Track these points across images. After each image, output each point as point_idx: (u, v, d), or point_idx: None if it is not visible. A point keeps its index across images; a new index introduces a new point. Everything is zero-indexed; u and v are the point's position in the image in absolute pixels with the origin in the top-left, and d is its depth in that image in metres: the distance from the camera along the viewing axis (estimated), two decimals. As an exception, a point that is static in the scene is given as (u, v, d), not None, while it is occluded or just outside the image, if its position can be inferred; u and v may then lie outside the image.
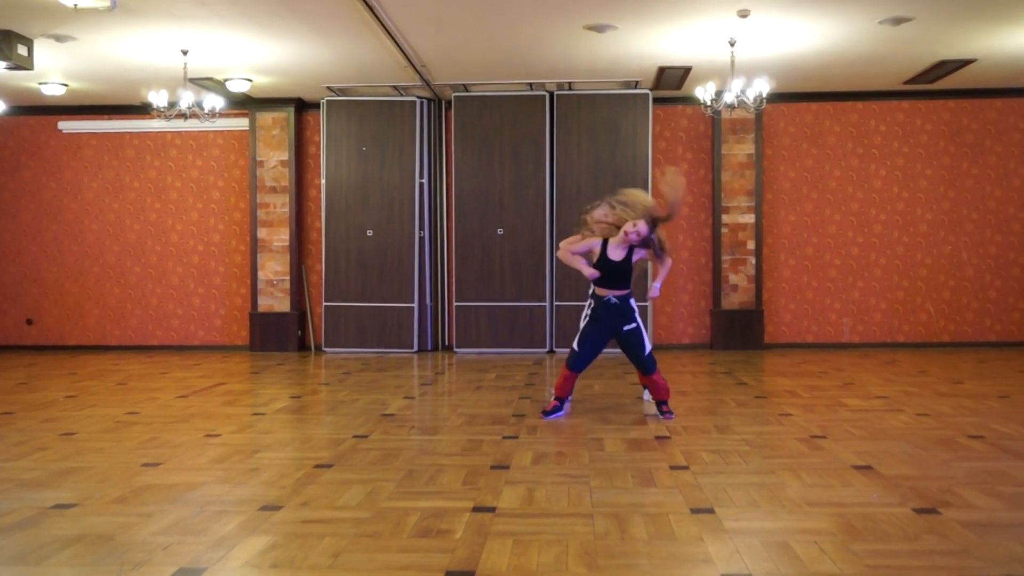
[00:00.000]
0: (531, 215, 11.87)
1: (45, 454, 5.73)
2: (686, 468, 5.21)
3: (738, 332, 11.92)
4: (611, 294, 6.80)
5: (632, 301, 6.85)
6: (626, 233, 6.63)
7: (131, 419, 7.05)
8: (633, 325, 6.82)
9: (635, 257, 6.76)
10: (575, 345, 6.91)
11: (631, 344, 6.83)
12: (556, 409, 6.96)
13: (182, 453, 5.76)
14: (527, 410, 7.31)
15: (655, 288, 6.87)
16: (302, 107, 12.52)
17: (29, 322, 12.84)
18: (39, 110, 12.61)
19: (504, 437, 6.19)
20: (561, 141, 11.81)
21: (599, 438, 6.10)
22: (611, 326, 6.81)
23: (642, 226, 6.61)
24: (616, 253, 6.72)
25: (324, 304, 12.14)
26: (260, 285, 12.32)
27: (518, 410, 7.32)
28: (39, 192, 12.84)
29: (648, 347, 6.87)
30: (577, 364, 6.88)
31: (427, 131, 12.23)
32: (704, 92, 9.72)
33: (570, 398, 7.15)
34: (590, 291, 7.03)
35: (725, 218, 11.96)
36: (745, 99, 9.47)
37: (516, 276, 11.83)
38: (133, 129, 12.72)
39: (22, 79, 10.95)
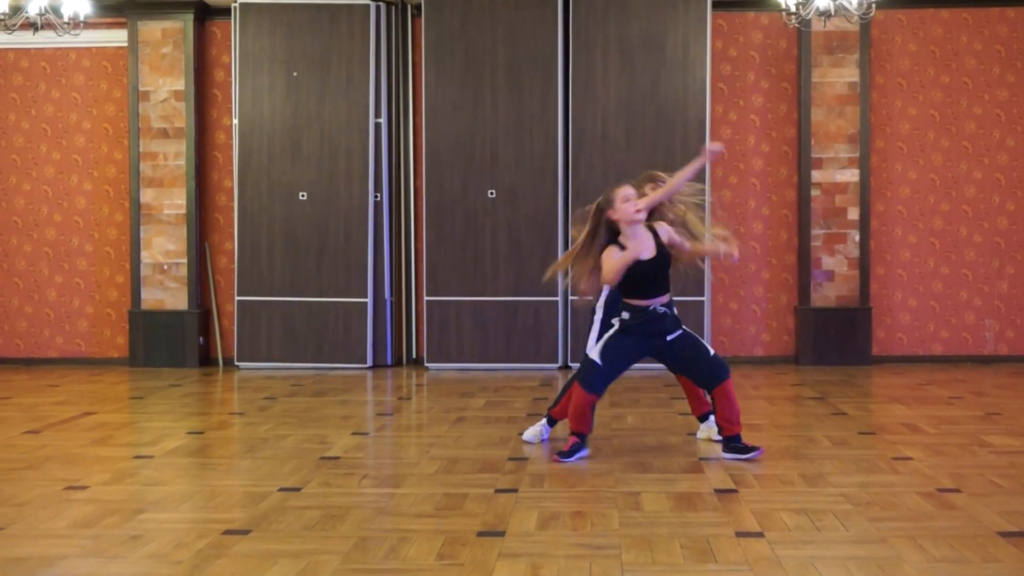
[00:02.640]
0: (536, 171, 11.88)
1: None
2: (760, 535, 5.21)
3: (835, 340, 11.94)
4: (655, 302, 6.92)
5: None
6: (636, 211, 6.86)
7: (-42, 464, 7.04)
8: (680, 332, 7.00)
9: (664, 238, 6.91)
10: (596, 357, 6.95)
11: (683, 351, 6.99)
12: (578, 448, 7.00)
13: (32, 513, 5.74)
14: (531, 451, 7.31)
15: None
16: (205, 13, 12.51)
17: None
18: None
19: (497, 490, 6.17)
20: (580, 64, 11.82)
21: (634, 492, 6.10)
22: (651, 339, 6.94)
23: (628, 191, 6.96)
24: (643, 247, 6.82)
25: (237, 299, 12.15)
26: (144, 271, 12.33)
27: (518, 451, 7.32)
28: None
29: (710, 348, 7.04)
30: (599, 383, 6.94)
31: (387, 48, 12.22)
32: (786, -7, 9.71)
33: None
34: (601, 301, 7.22)
35: (816, 175, 11.97)
36: (846, 3, 9.46)
37: (514, 259, 11.85)
38: (-40, 45, 12.72)
39: None
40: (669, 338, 6.96)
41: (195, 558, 4.91)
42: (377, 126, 12.13)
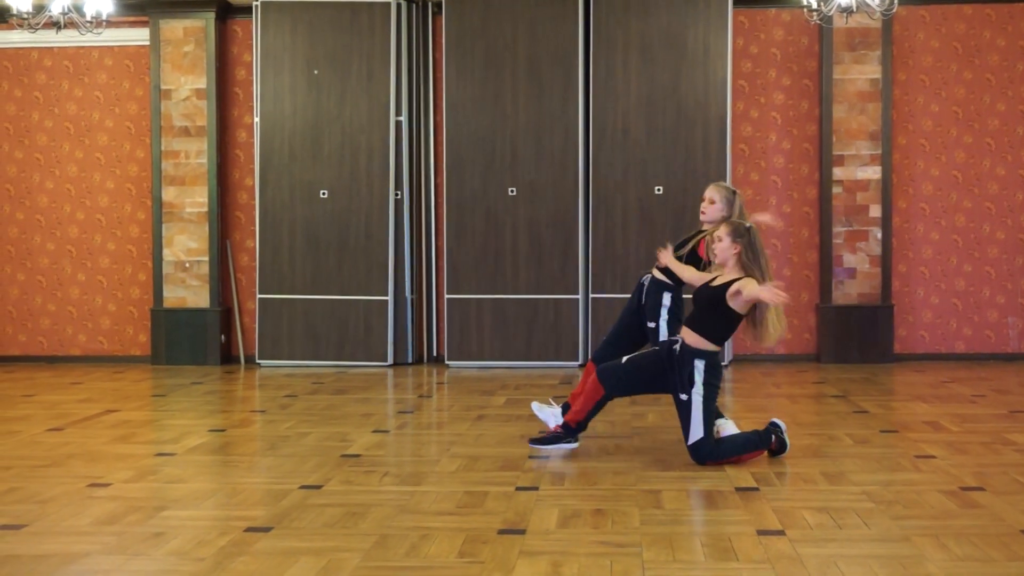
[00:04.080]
0: (557, 168, 11.88)
1: None
2: (781, 533, 5.21)
3: (856, 338, 11.91)
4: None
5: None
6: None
7: (-18, 461, 7.09)
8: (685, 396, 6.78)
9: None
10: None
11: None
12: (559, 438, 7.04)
13: (55, 510, 5.78)
14: (552, 449, 7.32)
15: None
16: (226, 12, 12.54)
17: None
18: None
19: (518, 488, 6.19)
20: (601, 62, 11.81)
21: (655, 490, 6.10)
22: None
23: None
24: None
25: (259, 297, 12.18)
26: (166, 269, 12.37)
27: (538, 449, 7.32)
28: None
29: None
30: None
31: (408, 47, 12.23)
32: (808, -11, 9.68)
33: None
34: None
35: (838, 172, 11.94)
36: (867, -1, 9.42)
37: (535, 256, 11.84)
38: (-17, 45, 12.77)
39: None
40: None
41: (217, 555, 4.93)
42: (398, 124, 12.13)
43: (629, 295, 11.50)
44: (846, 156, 11.91)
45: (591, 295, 11.81)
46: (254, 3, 12.18)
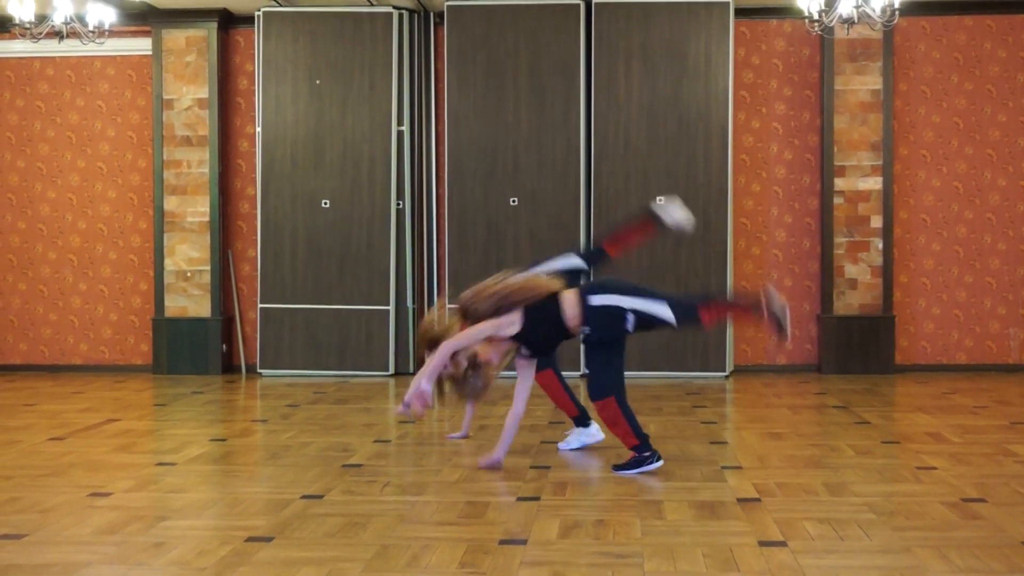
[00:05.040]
0: (558, 178, 11.88)
1: None
2: (782, 544, 5.20)
3: (858, 348, 11.90)
4: None
5: None
6: None
7: (-17, 471, 7.09)
8: None
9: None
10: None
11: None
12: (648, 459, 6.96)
13: (56, 520, 5.77)
14: (552, 460, 7.32)
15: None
16: (228, 22, 12.56)
17: None
18: None
19: (519, 498, 6.19)
20: (602, 72, 11.82)
21: (656, 500, 6.10)
22: None
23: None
24: None
25: (260, 307, 12.18)
26: (168, 279, 12.37)
27: (540, 460, 7.32)
28: None
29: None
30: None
31: (409, 57, 12.25)
32: (810, 1, 9.67)
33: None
34: None
35: (839, 183, 11.94)
36: (869, 10, 9.43)
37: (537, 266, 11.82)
38: (-14, 54, 12.79)
39: None
40: None
41: (218, 565, 4.92)
42: (400, 134, 12.14)
43: (630, 305, 11.62)
44: (847, 167, 11.92)
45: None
46: (256, 13, 12.20)
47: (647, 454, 6.94)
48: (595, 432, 7.78)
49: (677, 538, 5.32)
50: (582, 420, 7.81)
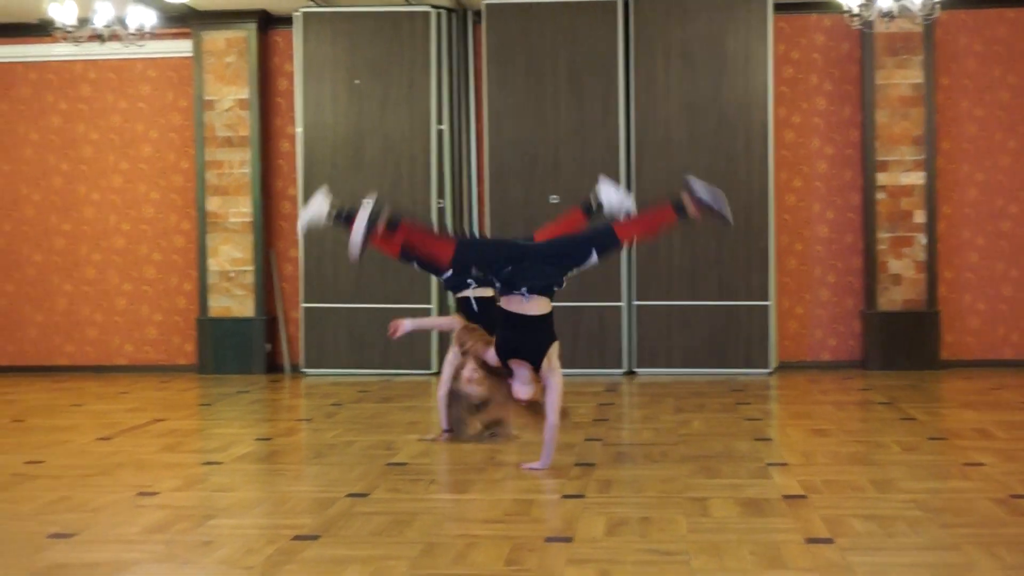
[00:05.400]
0: (598, 176, 11.82)
1: (-87, 520, 5.85)
2: (829, 542, 5.18)
3: (902, 344, 11.82)
4: None
5: None
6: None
7: (32, 471, 7.14)
8: None
9: None
10: None
11: None
12: None
13: (105, 519, 5.82)
14: (598, 457, 7.32)
15: None
16: (268, 23, 12.61)
17: None
18: None
19: (564, 496, 6.19)
20: (642, 69, 11.80)
21: (702, 497, 6.08)
22: None
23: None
24: None
25: (303, 306, 12.23)
26: (211, 279, 12.44)
27: (584, 457, 7.33)
28: (-101, 149, 13.07)
29: None
30: None
31: (448, 56, 12.26)
32: (851, -6, 9.64)
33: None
34: None
35: (881, 178, 11.86)
36: (909, 4, 9.37)
37: (578, 264, 11.81)
38: (28, 58, 12.88)
39: None
40: None
41: (265, 564, 4.95)
42: (439, 133, 12.16)
43: (673, 303, 11.62)
44: (890, 161, 11.84)
45: (634, 302, 11.79)
46: (295, 14, 12.25)
47: None
48: None
49: (723, 535, 5.30)
50: None
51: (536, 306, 6.89)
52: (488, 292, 7.57)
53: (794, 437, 8.02)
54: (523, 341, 6.94)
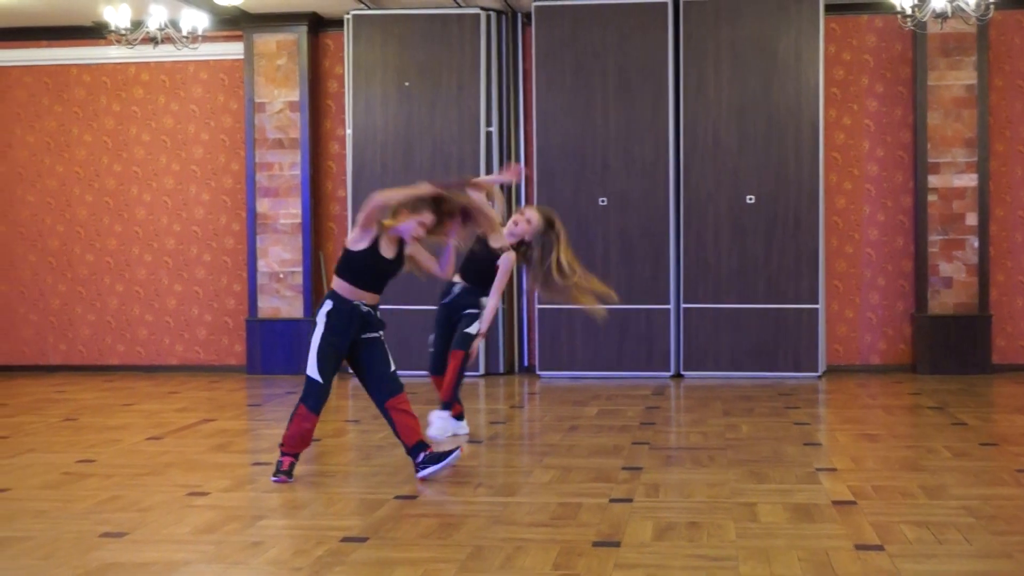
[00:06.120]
0: (648, 178, 11.84)
1: (-33, 519, 5.92)
2: (879, 549, 5.14)
3: (954, 348, 11.72)
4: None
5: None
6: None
7: (84, 469, 7.21)
8: (378, 334, 7.00)
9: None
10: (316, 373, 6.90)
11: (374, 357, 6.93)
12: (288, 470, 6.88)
13: (155, 519, 5.87)
14: (645, 461, 7.30)
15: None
16: (318, 25, 12.68)
17: (-58, 333, 13.26)
18: (-46, 35, 13.02)
19: (612, 500, 6.18)
20: (691, 70, 11.76)
21: (750, 503, 6.06)
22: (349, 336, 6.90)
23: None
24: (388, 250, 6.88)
25: (351, 307, 12.27)
26: (261, 280, 12.52)
27: (632, 460, 7.31)
28: (-45, 150, 13.24)
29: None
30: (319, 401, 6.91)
31: (497, 58, 12.28)
32: (902, -4, 9.57)
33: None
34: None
35: (933, 180, 11.77)
36: (963, 4, 9.28)
37: (626, 266, 11.82)
38: (82, 60, 13.02)
39: (-69, -8, 11.30)
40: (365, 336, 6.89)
41: (314, 565, 4.97)
42: (488, 135, 12.18)
43: (722, 306, 11.57)
44: (941, 164, 11.74)
45: (683, 305, 11.75)
46: (345, 16, 12.30)
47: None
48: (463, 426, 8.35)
49: (772, 541, 5.27)
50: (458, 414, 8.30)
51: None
52: None
53: (843, 442, 7.96)
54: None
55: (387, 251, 6.84)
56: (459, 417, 8.32)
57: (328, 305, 6.92)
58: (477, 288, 8.28)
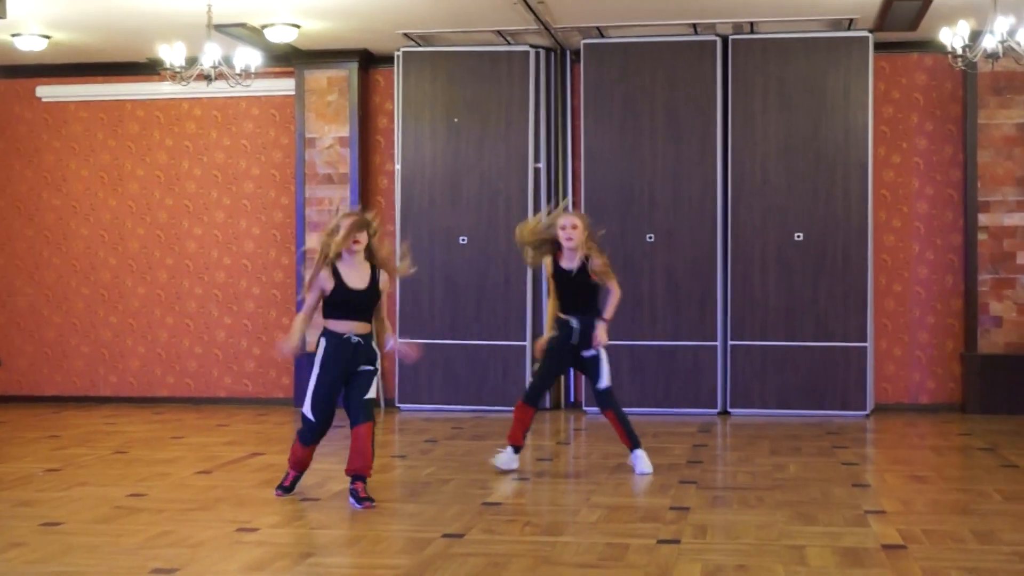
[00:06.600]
0: (695, 215, 11.84)
1: (19, 553, 5.96)
2: (930, 594, 5.10)
3: (1004, 388, 11.61)
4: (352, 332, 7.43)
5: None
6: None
7: (134, 504, 7.27)
8: (372, 368, 7.49)
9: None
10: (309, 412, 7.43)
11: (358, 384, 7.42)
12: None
13: (206, 554, 5.90)
14: (693, 500, 7.27)
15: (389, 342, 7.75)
16: (369, 62, 12.78)
17: (-5, 363, 13.42)
18: (11, 71, 13.20)
19: (659, 541, 6.15)
20: (739, 108, 11.76)
21: (799, 545, 6.01)
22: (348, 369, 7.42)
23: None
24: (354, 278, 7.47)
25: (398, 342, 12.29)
26: (309, 314, 12.57)
27: (679, 500, 7.28)
28: (9, 183, 13.41)
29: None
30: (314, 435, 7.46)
31: (545, 95, 12.32)
32: (952, 35, 9.52)
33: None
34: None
35: (983, 218, 11.70)
36: (1015, 44, 9.24)
37: (672, 303, 11.80)
38: (137, 96, 13.19)
39: (-9, 29, 11.48)
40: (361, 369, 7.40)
41: (363, 604, 4.99)
42: (536, 171, 12.22)
43: (769, 343, 11.53)
44: (992, 202, 11.67)
45: (730, 342, 11.71)
46: (396, 53, 12.40)
47: None
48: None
49: (821, 585, 5.24)
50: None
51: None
52: None
53: (892, 483, 7.91)
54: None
55: (356, 283, 7.42)
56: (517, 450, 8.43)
57: (322, 345, 7.50)
58: (591, 316, 8.34)
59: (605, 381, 8.31)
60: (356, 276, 7.42)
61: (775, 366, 11.67)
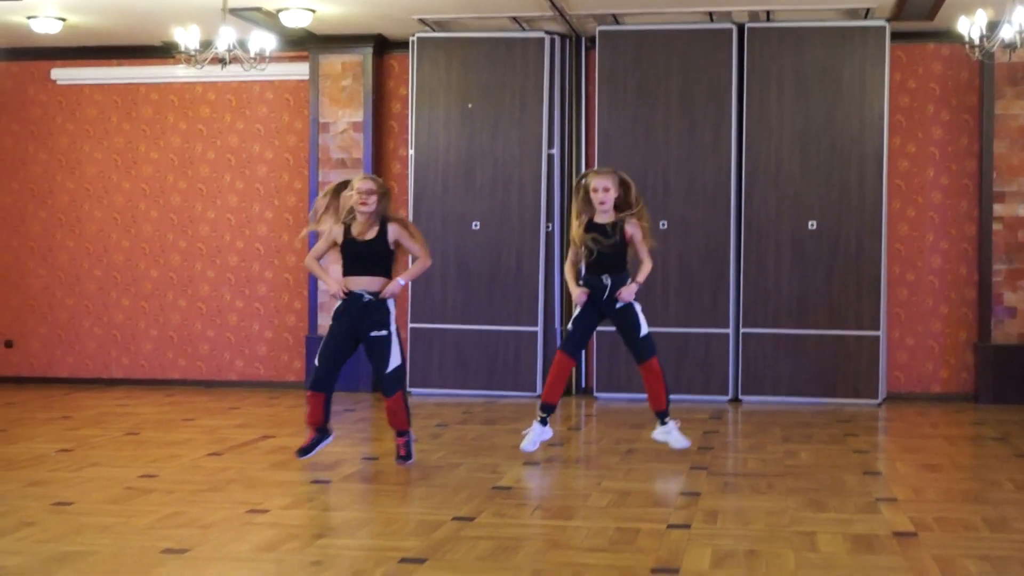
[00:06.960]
0: (709, 203, 11.81)
1: (31, 532, 5.98)
2: (941, 581, 5.09)
3: (1016, 378, 11.57)
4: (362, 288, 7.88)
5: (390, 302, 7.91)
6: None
7: (146, 485, 7.28)
8: (384, 332, 7.84)
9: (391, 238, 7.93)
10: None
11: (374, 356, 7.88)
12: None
13: (216, 535, 5.91)
14: (704, 486, 7.26)
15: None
16: (383, 47, 12.76)
17: (8, 344, 13.43)
18: (26, 53, 13.21)
19: (669, 526, 6.15)
20: (754, 96, 11.72)
21: (810, 532, 6.00)
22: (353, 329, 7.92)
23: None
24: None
25: (410, 326, 12.31)
26: (321, 298, 12.58)
27: (690, 486, 7.28)
28: (23, 166, 13.43)
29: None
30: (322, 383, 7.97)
31: (560, 82, 12.30)
32: (969, 24, 9.47)
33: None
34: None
35: (999, 209, 11.65)
36: (1032, 34, 9.19)
37: (685, 290, 11.78)
38: (151, 79, 13.19)
39: (4, 12, 11.48)
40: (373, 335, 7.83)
41: (373, 585, 4.99)
42: (550, 157, 12.20)
43: (780, 331, 11.50)
44: (1007, 192, 11.62)
45: (742, 329, 11.69)
46: (410, 38, 12.38)
47: None
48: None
49: (831, 572, 5.23)
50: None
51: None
52: None
53: (904, 471, 7.89)
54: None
55: (364, 236, 7.84)
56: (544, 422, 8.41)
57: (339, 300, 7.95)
58: (621, 276, 8.29)
59: (645, 328, 8.39)
60: (365, 231, 7.85)
61: (787, 354, 11.65)
